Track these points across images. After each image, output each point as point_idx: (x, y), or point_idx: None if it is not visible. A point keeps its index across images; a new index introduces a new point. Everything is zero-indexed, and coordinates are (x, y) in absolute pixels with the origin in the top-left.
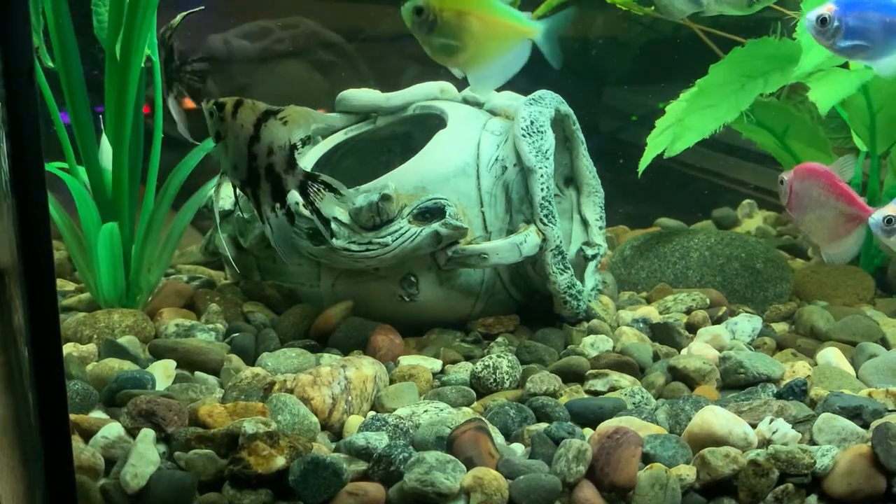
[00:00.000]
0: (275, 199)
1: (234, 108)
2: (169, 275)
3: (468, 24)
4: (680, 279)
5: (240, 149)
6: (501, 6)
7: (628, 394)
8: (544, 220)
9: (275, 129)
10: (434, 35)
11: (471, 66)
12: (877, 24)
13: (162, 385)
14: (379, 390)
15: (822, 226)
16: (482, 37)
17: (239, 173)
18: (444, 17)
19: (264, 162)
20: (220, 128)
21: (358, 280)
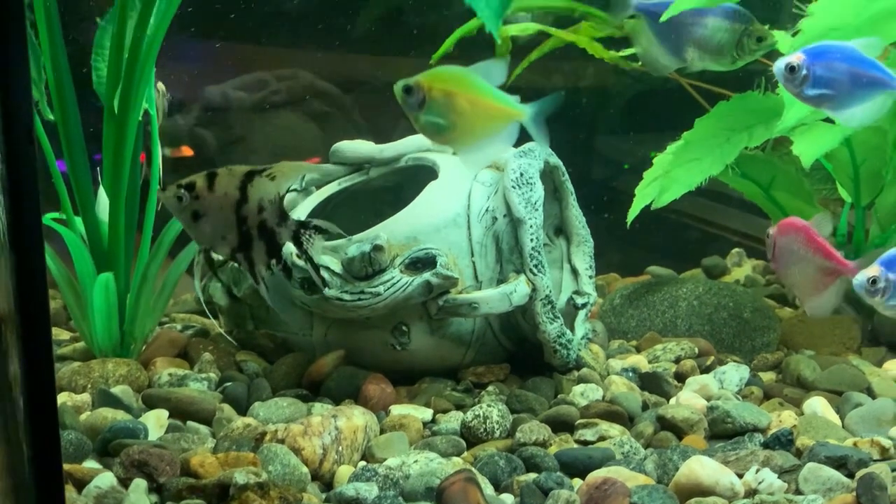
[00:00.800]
0: (270, 255)
1: (209, 181)
2: (163, 323)
3: (457, 105)
4: (669, 328)
5: (226, 218)
6: (490, 88)
7: (617, 444)
8: (534, 270)
9: (262, 186)
10: (423, 113)
11: (459, 145)
12: (844, 74)
13: (155, 435)
14: (369, 440)
15: (803, 280)
16: (470, 117)
17: (228, 242)
18: (434, 96)
19: (255, 221)
20: (197, 207)
21: (350, 329)
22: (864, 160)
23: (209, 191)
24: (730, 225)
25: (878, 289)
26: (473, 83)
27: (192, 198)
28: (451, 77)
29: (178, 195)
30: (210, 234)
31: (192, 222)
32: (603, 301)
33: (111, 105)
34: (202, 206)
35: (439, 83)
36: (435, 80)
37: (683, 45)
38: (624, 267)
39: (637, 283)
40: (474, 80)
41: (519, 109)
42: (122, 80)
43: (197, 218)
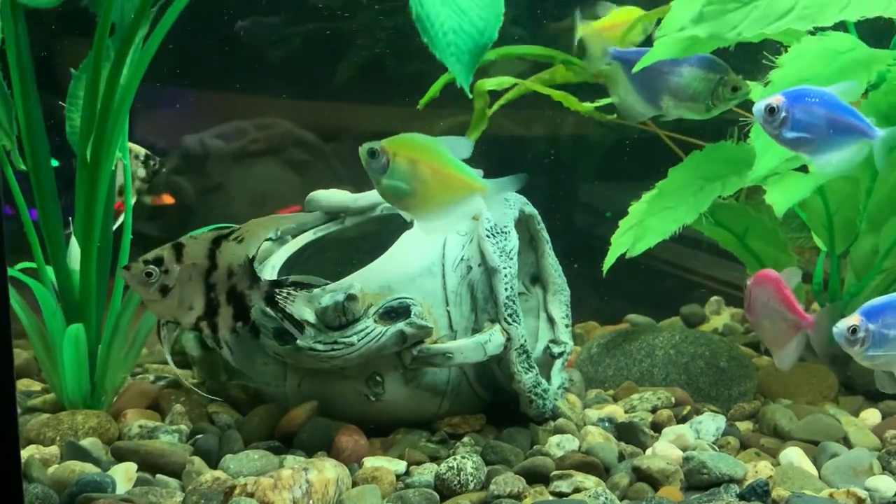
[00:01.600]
0: (237, 319)
1: (176, 253)
2: (136, 374)
3: (419, 172)
4: (646, 377)
5: (194, 287)
6: (454, 160)
7: (592, 495)
8: (508, 320)
9: (231, 250)
10: (386, 177)
11: (419, 212)
12: (822, 119)
13: (122, 488)
14: (341, 493)
15: (772, 331)
16: (432, 186)
17: (195, 312)
18: (398, 162)
19: (224, 287)
20: (166, 281)
21: (324, 379)
22: (838, 209)
23: (177, 262)
24: (709, 272)
25: (857, 338)
26: (438, 153)
27: (161, 272)
28: (417, 144)
29: (146, 271)
30: (176, 307)
31: (160, 297)
32: (580, 349)
33: (84, 155)
34: (171, 279)
35: (404, 149)
36: (400, 146)
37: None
38: (603, 315)
39: (615, 331)
40: (439, 149)
41: (480, 184)
42: (94, 130)
43: (165, 292)
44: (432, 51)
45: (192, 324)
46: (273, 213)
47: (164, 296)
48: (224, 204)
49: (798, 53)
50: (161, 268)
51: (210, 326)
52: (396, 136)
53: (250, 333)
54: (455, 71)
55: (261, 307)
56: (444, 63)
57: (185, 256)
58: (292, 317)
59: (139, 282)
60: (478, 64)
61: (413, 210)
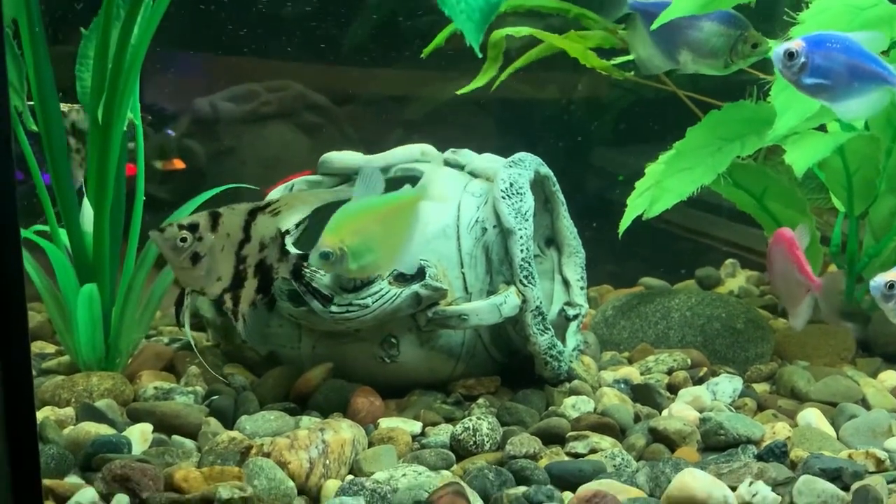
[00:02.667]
0: (259, 291)
1: (212, 221)
2: (150, 336)
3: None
4: (661, 339)
5: (224, 259)
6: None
7: (609, 456)
8: (524, 281)
9: (265, 223)
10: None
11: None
12: (842, 65)
13: (138, 449)
14: (357, 454)
15: (786, 291)
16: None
17: (221, 284)
18: (349, 244)
19: (255, 260)
20: (199, 249)
21: (339, 342)
22: (857, 169)
23: (212, 231)
24: (723, 236)
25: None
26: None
27: (194, 239)
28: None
29: (181, 237)
30: (204, 276)
31: (191, 265)
32: (595, 312)
33: (95, 115)
34: (203, 247)
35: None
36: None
37: (678, 46)
38: (617, 278)
39: (630, 294)
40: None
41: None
42: (105, 90)
43: (196, 260)
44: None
45: (217, 295)
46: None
47: (194, 264)
48: (235, 167)
49: (819, 9)
50: (195, 234)
51: (233, 298)
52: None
53: (266, 305)
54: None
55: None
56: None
57: (220, 226)
58: (318, 290)
59: (171, 247)
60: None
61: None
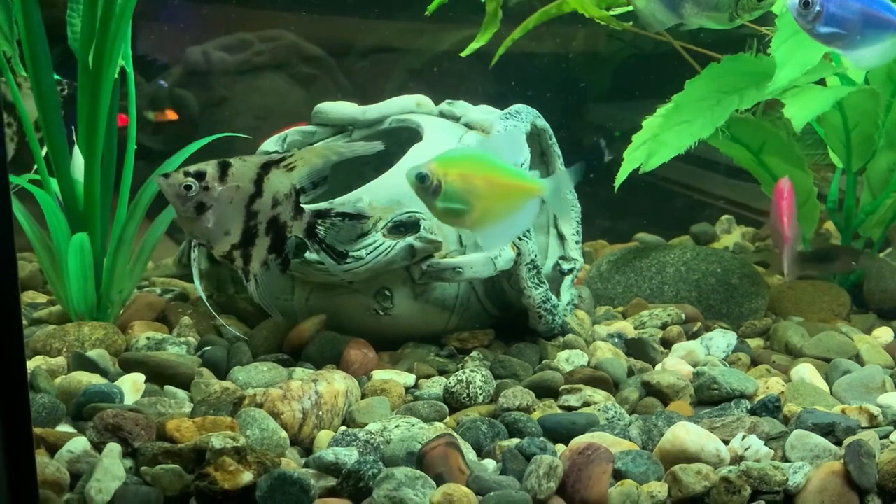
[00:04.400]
0: (272, 251)
1: (221, 171)
2: (142, 287)
3: (474, 187)
4: (656, 294)
5: (235, 212)
6: (507, 166)
7: (602, 409)
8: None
9: (279, 178)
10: (439, 199)
11: (479, 227)
12: (857, 13)
13: (130, 399)
14: (350, 405)
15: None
16: (489, 198)
17: (230, 239)
18: (449, 182)
19: (267, 216)
20: (204, 199)
21: (332, 294)
22: (857, 124)
23: (220, 181)
24: (719, 192)
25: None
26: (489, 164)
27: (200, 188)
28: (467, 159)
29: (185, 184)
30: (211, 230)
31: (195, 215)
32: (590, 267)
33: (85, 61)
34: (210, 197)
35: (454, 167)
36: (450, 165)
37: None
38: (612, 234)
39: (625, 249)
40: (490, 160)
41: (538, 185)
42: (96, 36)
43: (201, 210)
44: None
45: (225, 251)
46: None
47: (199, 214)
48: (229, 118)
49: None
50: (201, 182)
51: (243, 256)
52: (443, 154)
53: (280, 266)
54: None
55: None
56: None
57: (229, 177)
58: (332, 248)
59: (175, 193)
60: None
61: (473, 226)
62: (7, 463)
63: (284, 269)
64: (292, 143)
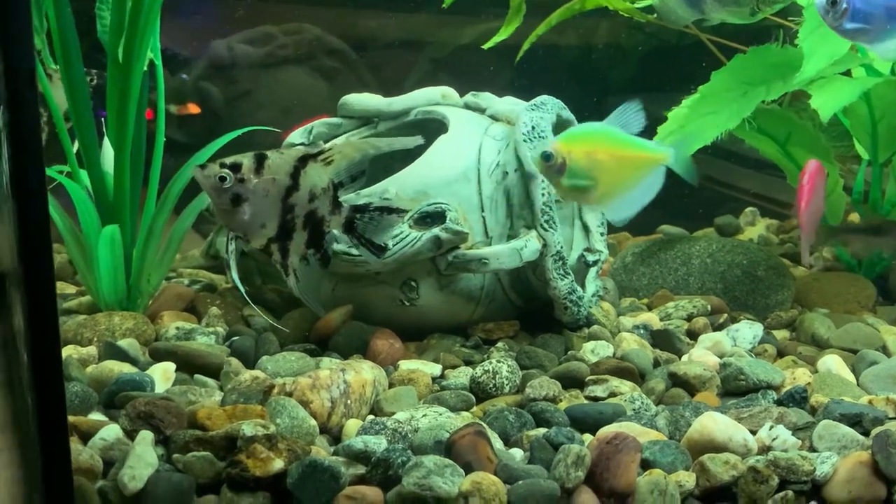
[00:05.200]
0: (310, 245)
1: (257, 163)
2: (170, 278)
3: (598, 163)
4: (681, 286)
5: (271, 205)
6: (630, 138)
7: (628, 400)
8: (545, 226)
9: (316, 172)
10: (565, 177)
11: (605, 202)
12: (882, 8)
13: (161, 388)
14: (378, 394)
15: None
16: (614, 172)
17: (266, 231)
18: (574, 159)
19: (304, 210)
20: (240, 190)
21: (358, 284)
22: (883, 116)
23: (256, 174)
24: (743, 185)
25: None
26: (612, 137)
27: (236, 180)
28: (590, 135)
29: (220, 175)
30: (247, 222)
31: (231, 207)
32: (614, 259)
33: (115, 54)
34: (245, 190)
35: (578, 144)
36: (574, 142)
37: None
38: (635, 226)
39: (649, 241)
40: (612, 133)
41: (662, 153)
42: (126, 29)
43: (237, 203)
44: None
45: (263, 245)
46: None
47: (235, 206)
48: (252, 111)
49: None
50: (237, 174)
51: (280, 250)
52: (566, 132)
53: (320, 262)
54: None
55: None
56: None
57: (265, 169)
58: (371, 241)
59: (211, 185)
60: None
61: (599, 201)
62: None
63: (325, 264)
64: (318, 136)
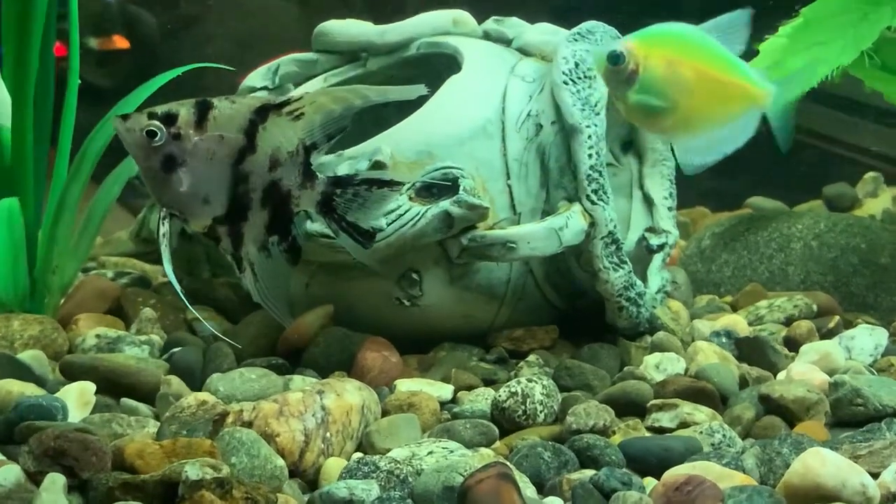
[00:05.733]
0: (273, 230)
1: (199, 114)
2: (88, 269)
3: (681, 79)
4: (777, 279)
5: (217, 172)
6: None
7: (705, 431)
8: (593, 198)
9: (280, 129)
10: (635, 90)
11: (679, 134)
12: None
13: (77, 415)
14: (368, 424)
15: None
16: (698, 97)
17: (211, 209)
18: (651, 67)
19: (263, 181)
20: (175, 150)
21: (341, 277)
22: None
23: (197, 129)
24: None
25: None
26: (705, 48)
27: (170, 136)
28: (677, 40)
29: (149, 129)
30: (185, 194)
31: (163, 172)
32: (687, 243)
33: None
34: (182, 150)
35: (660, 49)
36: (654, 45)
37: None
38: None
39: (734, 217)
40: (707, 44)
41: (763, 88)
42: None
43: (171, 167)
44: None
45: (206, 227)
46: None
47: (169, 173)
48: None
49: None
50: (171, 128)
51: (231, 236)
52: (646, 30)
53: (286, 254)
54: None
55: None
56: None
57: (210, 122)
58: (357, 227)
59: (137, 142)
60: None
61: (672, 131)
62: None
63: (293, 257)
64: (286, 77)
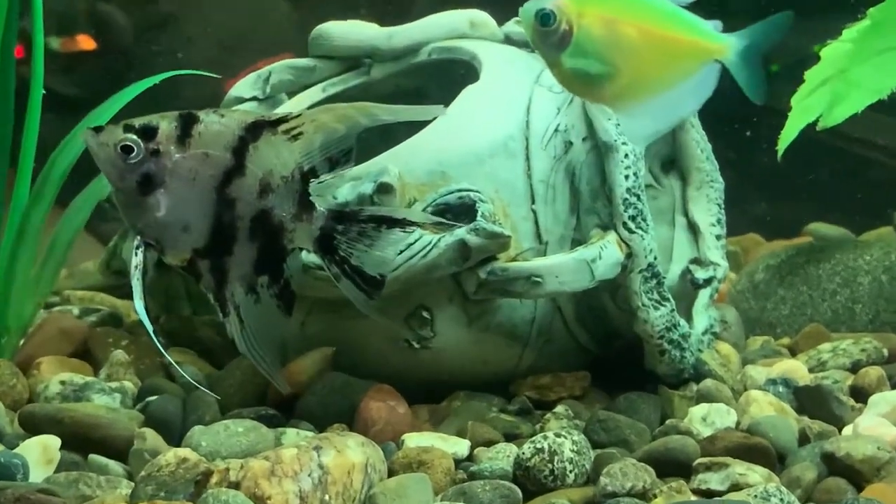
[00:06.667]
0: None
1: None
2: (52, 305)
3: (621, 40)
4: (842, 318)
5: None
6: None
7: (760, 496)
8: (630, 225)
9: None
10: (567, 53)
11: (622, 102)
12: None
13: (39, 474)
14: (372, 485)
15: None
16: (643, 58)
17: (190, 239)
18: (585, 27)
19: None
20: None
21: (341, 315)
22: None
23: (179, 145)
24: None
25: None
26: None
27: (147, 152)
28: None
29: (124, 143)
30: (162, 221)
31: (139, 194)
32: (738, 276)
33: None
34: (161, 168)
35: (595, 5)
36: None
37: None
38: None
39: (791, 248)
40: None
41: (720, 43)
42: None
43: (148, 188)
44: None
45: (184, 259)
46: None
47: (146, 194)
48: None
49: None
50: (149, 143)
51: (213, 271)
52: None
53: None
54: None
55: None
56: None
57: (194, 138)
58: (361, 271)
59: (109, 158)
60: None
61: (614, 101)
62: None
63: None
64: (279, 86)
